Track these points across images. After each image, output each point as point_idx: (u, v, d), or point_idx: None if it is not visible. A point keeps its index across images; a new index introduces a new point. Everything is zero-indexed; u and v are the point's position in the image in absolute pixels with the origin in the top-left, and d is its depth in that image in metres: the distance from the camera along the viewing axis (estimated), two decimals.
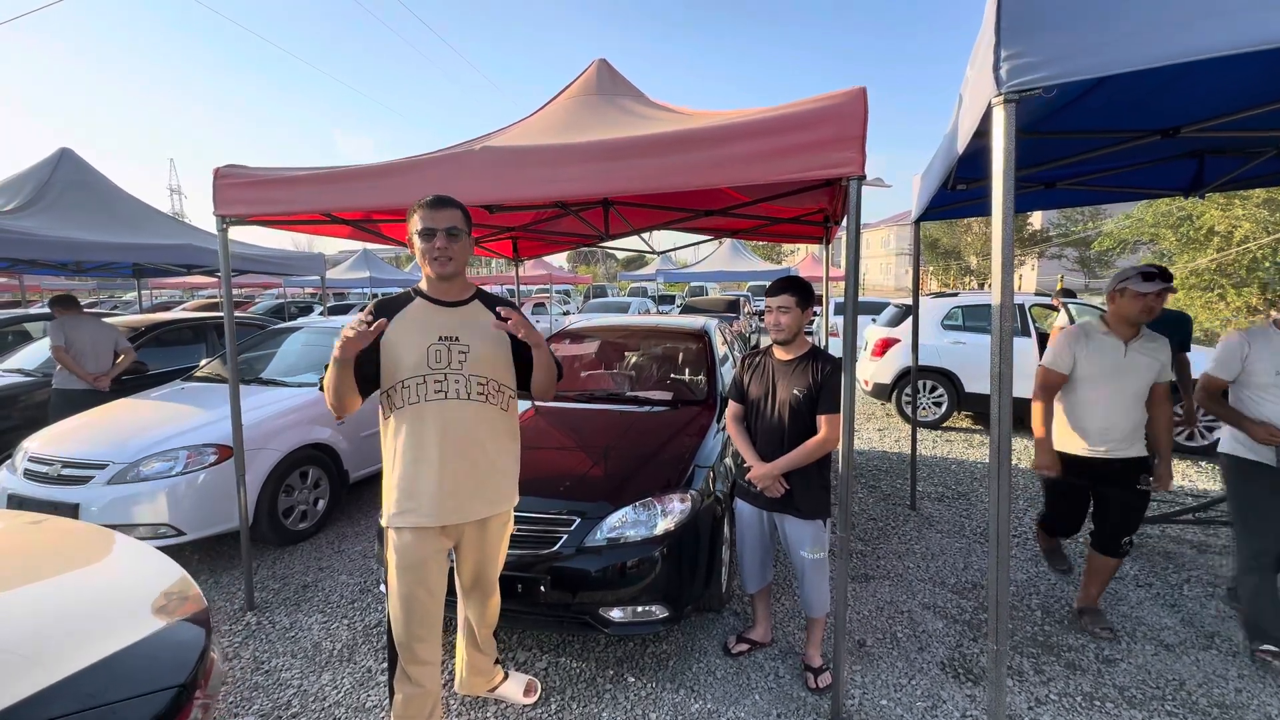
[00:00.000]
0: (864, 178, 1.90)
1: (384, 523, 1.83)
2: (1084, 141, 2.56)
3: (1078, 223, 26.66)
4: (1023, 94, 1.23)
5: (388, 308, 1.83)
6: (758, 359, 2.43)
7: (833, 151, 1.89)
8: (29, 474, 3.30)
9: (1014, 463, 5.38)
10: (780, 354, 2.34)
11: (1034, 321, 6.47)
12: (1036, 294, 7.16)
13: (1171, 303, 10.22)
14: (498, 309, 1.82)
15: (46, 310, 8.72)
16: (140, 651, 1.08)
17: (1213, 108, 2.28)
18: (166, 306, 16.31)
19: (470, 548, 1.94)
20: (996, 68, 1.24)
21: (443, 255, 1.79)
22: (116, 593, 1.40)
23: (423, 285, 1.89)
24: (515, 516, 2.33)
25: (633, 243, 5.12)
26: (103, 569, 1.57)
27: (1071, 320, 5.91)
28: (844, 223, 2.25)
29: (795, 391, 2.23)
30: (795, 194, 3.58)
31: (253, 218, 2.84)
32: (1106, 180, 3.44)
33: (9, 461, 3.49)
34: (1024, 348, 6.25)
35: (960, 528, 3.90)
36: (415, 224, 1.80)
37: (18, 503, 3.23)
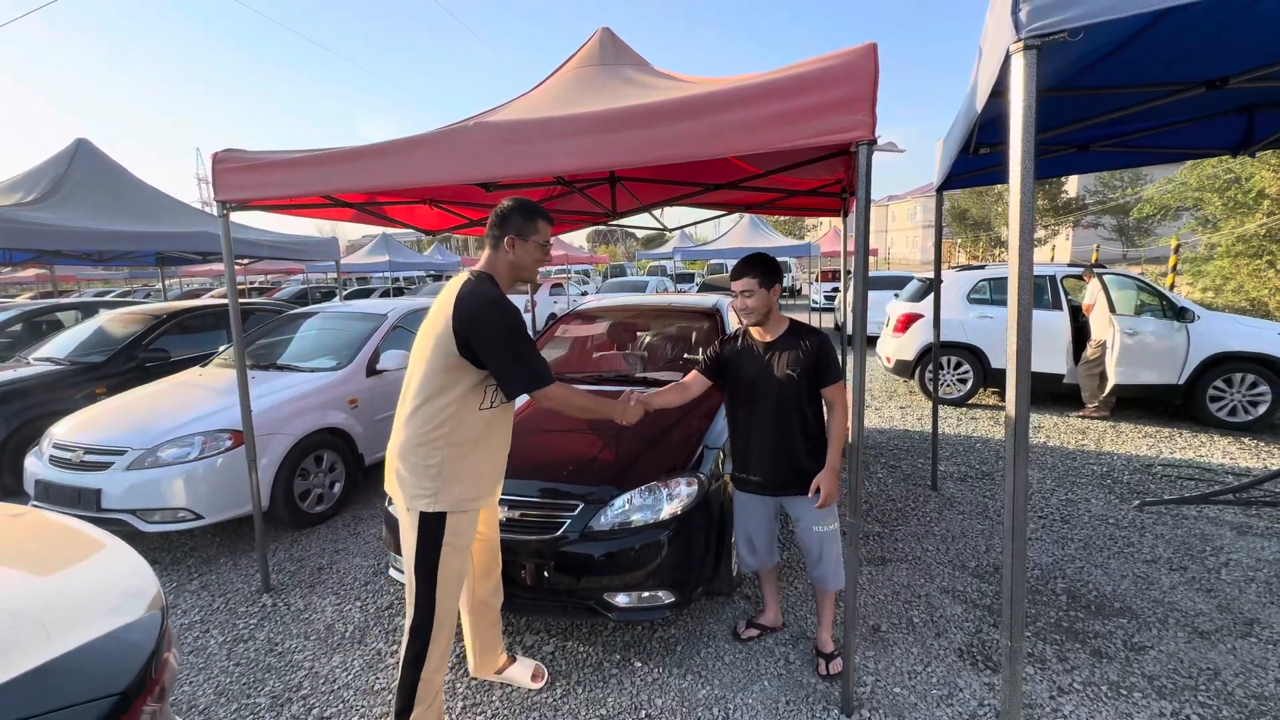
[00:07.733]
0: (875, 142, 1.78)
1: (445, 507, 1.78)
2: (1120, 97, 2.37)
3: (1116, 189, 25.45)
4: (1045, 39, 1.09)
5: None
6: (738, 343, 2.34)
7: (841, 115, 1.76)
8: (54, 460, 3.38)
9: (1042, 441, 5.18)
10: (759, 335, 2.28)
11: (1066, 294, 6.19)
12: (1070, 264, 6.79)
13: (1215, 270, 9.79)
14: None
15: (79, 300, 8.98)
16: (77, 658, 1.05)
17: (1267, 56, 2.07)
18: (197, 294, 16.67)
19: (485, 523, 2.08)
20: (1015, 9, 1.10)
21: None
22: (69, 594, 1.36)
23: (501, 284, 1.88)
24: (519, 501, 2.34)
25: (649, 220, 5.00)
26: (62, 569, 1.50)
27: (1106, 293, 5.64)
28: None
29: (789, 371, 2.17)
30: (809, 164, 3.43)
31: (254, 202, 2.82)
32: (1146, 140, 3.21)
33: (37, 448, 3.58)
34: (1055, 321, 6.01)
35: (983, 509, 3.77)
36: (544, 233, 1.90)
37: (44, 489, 3.32)
